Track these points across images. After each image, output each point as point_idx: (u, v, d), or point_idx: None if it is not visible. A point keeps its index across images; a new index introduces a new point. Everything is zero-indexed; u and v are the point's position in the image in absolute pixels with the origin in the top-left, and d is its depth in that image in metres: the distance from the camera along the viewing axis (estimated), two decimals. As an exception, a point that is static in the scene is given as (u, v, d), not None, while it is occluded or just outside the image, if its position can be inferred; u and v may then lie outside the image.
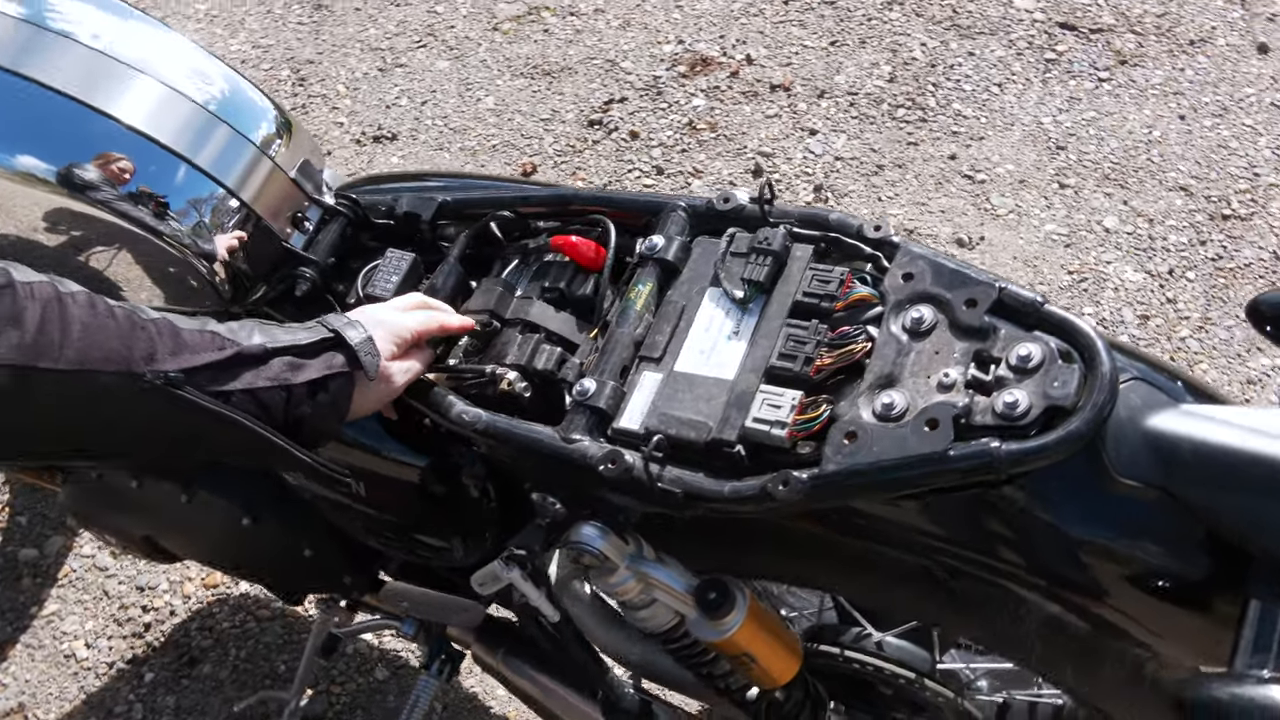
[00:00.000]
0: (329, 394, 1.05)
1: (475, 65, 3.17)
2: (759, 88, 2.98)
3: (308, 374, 1.04)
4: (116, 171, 1.19)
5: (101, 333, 0.93)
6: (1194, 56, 2.93)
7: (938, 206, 2.67)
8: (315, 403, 1.04)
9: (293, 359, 1.04)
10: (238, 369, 1.00)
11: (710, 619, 1.12)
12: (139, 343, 0.95)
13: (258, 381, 1.01)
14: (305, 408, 1.04)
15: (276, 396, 1.02)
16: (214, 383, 0.98)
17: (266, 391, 1.01)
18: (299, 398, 1.03)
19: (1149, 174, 2.68)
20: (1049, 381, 0.96)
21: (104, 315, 0.94)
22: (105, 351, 0.92)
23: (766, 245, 1.11)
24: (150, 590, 2.17)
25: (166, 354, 0.96)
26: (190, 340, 0.99)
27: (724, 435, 1.04)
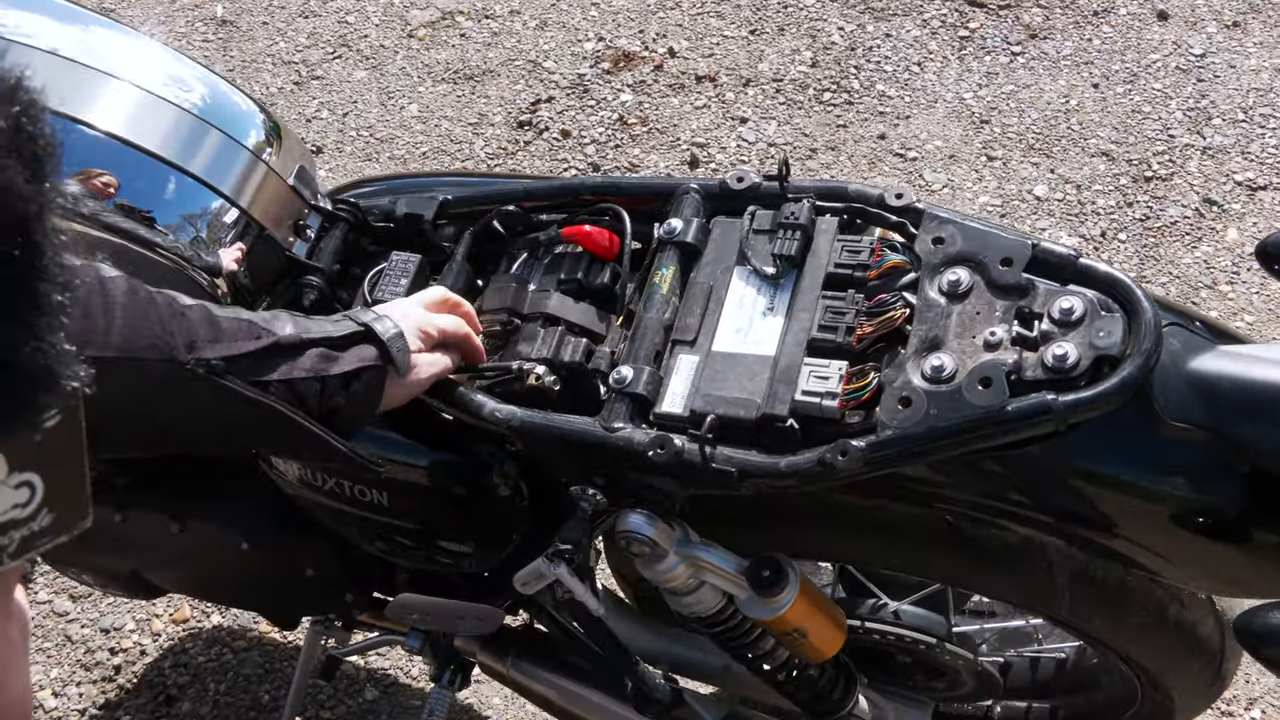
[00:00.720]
0: (361, 386, 1.04)
1: (394, 73, 3.11)
2: (685, 80, 2.99)
3: (341, 366, 1.03)
4: (100, 187, 1.13)
5: (145, 319, 0.91)
6: (1099, 26, 3.02)
7: (873, 186, 2.71)
8: (349, 394, 1.03)
9: (326, 350, 1.03)
10: (275, 359, 0.99)
11: (764, 597, 1.12)
12: (180, 330, 0.93)
13: (294, 372, 1.00)
14: (339, 399, 1.03)
15: (311, 387, 1.01)
16: (253, 372, 0.97)
17: (303, 382, 1.00)
18: (333, 389, 1.02)
19: (1071, 142, 2.76)
20: (1094, 332, 0.98)
21: (145, 301, 0.92)
22: (149, 338, 0.91)
23: (794, 220, 1.11)
24: (116, 631, 2.08)
25: (206, 342, 0.95)
26: (228, 328, 0.97)
27: (774, 410, 1.03)
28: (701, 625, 1.21)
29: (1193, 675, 1.34)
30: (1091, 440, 1.01)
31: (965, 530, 1.21)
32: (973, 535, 1.21)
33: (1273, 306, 2.41)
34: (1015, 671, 1.66)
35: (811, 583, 1.16)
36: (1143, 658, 1.32)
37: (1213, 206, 2.60)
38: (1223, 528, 1.03)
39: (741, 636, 1.22)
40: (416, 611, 1.48)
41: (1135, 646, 1.30)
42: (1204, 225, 2.57)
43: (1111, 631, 1.29)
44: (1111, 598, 1.25)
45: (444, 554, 1.32)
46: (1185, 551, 1.08)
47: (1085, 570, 1.23)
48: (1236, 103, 2.79)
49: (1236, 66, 2.87)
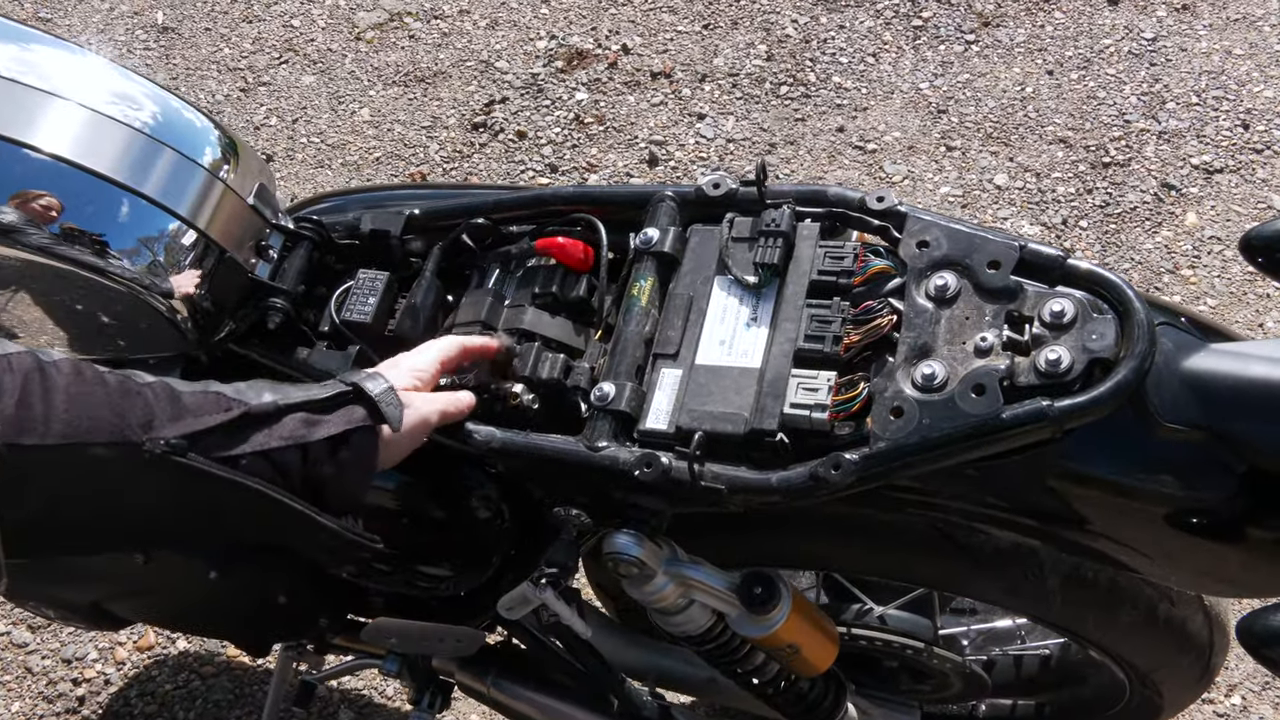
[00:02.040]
0: (351, 451, 0.96)
1: (343, 77, 3.05)
2: (640, 76, 2.96)
3: (325, 430, 0.94)
4: (40, 210, 1.08)
5: (89, 401, 0.84)
6: (1050, 13, 3.03)
7: (834, 179, 2.70)
8: (337, 461, 0.95)
9: (308, 415, 0.94)
10: (247, 430, 0.91)
11: (756, 615, 1.10)
12: (134, 410, 0.85)
13: (270, 442, 0.91)
14: (327, 467, 0.94)
15: (292, 457, 0.92)
16: (221, 447, 0.89)
17: (280, 452, 0.91)
18: (318, 456, 0.94)
19: (1028, 129, 2.76)
20: (1086, 335, 0.96)
21: (92, 382, 0.85)
22: (95, 421, 0.83)
23: (775, 226, 1.09)
24: (79, 661, 2.02)
25: (166, 420, 0.87)
26: (191, 403, 0.89)
27: (763, 425, 1.01)
28: (691, 644, 1.18)
29: (1181, 671, 1.34)
30: (1085, 443, 0.99)
31: (956, 536, 1.19)
32: (963, 541, 1.20)
33: (1234, 290, 2.43)
34: (999, 669, 1.66)
35: (804, 597, 1.14)
36: (1132, 656, 1.31)
37: (1171, 191, 2.61)
38: (1218, 528, 1.02)
39: (732, 653, 1.19)
40: (394, 635, 1.44)
41: (1125, 645, 1.30)
42: (1163, 210, 2.58)
43: (1102, 631, 1.28)
44: (1103, 598, 1.24)
45: (422, 578, 1.28)
46: (1181, 553, 1.06)
47: (1077, 572, 1.22)
48: (1189, 86, 2.80)
49: (1188, 50, 2.88)
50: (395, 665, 1.53)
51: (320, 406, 0.95)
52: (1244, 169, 2.63)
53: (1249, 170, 2.63)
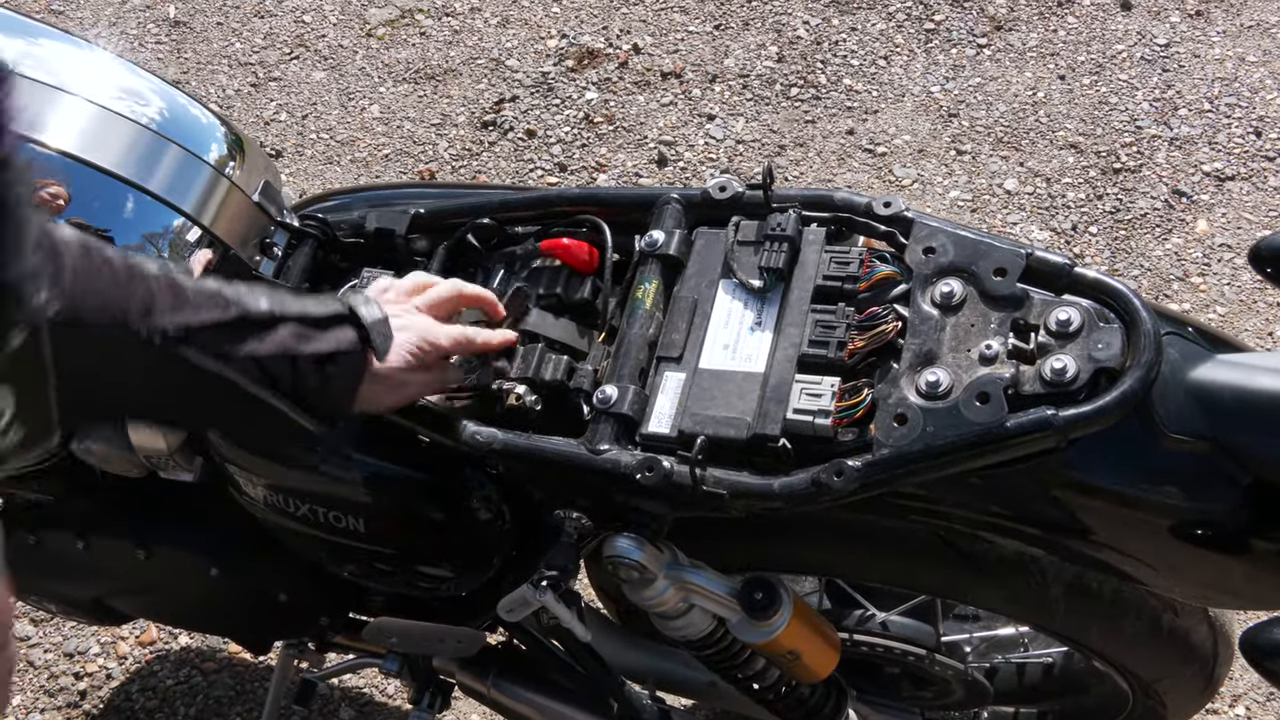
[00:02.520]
0: (338, 370, 0.98)
1: (354, 74, 3.05)
2: (650, 76, 2.96)
3: (316, 346, 0.96)
4: (48, 199, 1.08)
5: (95, 281, 0.85)
6: (1064, 18, 3.01)
7: (843, 182, 2.69)
8: (323, 376, 0.97)
9: (301, 328, 0.96)
10: (242, 333, 0.93)
11: (757, 620, 1.09)
12: (136, 295, 0.87)
13: (262, 348, 0.93)
14: (312, 380, 0.96)
15: (282, 365, 0.94)
16: (215, 344, 0.91)
17: (271, 360, 0.94)
18: (305, 370, 0.95)
19: (1039, 134, 2.75)
20: (1092, 344, 0.95)
21: (99, 263, 0.86)
22: (100, 301, 0.84)
23: (780, 231, 1.08)
24: (80, 655, 2.02)
25: (166, 309, 0.88)
26: (193, 297, 0.91)
27: (766, 430, 1.00)
28: (691, 648, 1.18)
29: (1185, 681, 1.33)
30: (1089, 452, 0.99)
31: (958, 543, 1.19)
32: (966, 549, 1.19)
33: (1244, 298, 2.41)
34: (1001, 676, 1.65)
35: (805, 603, 1.14)
36: (1136, 666, 1.30)
37: (1182, 198, 2.60)
38: (1223, 540, 1.02)
39: (732, 658, 1.19)
40: (395, 635, 1.44)
41: (1129, 655, 1.29)
42: (1174, 217, 2.56)
43: (1105, 641, 1.27)
44: (1106, 608, 1.23)
45: (423, 578, 1.28)
46: (1185, 564, 1.06)
47: (1080, 581, 1.21)
48: (1202, 92, 2.78)
49: (1201, 56, 2.87)
50: (396, 664, 1.53)
51: (314, 323, 0.97)
52: (1256, 177, 2.61)
53: (1260, 178, 2.61)
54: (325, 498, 1.19)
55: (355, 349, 0.98)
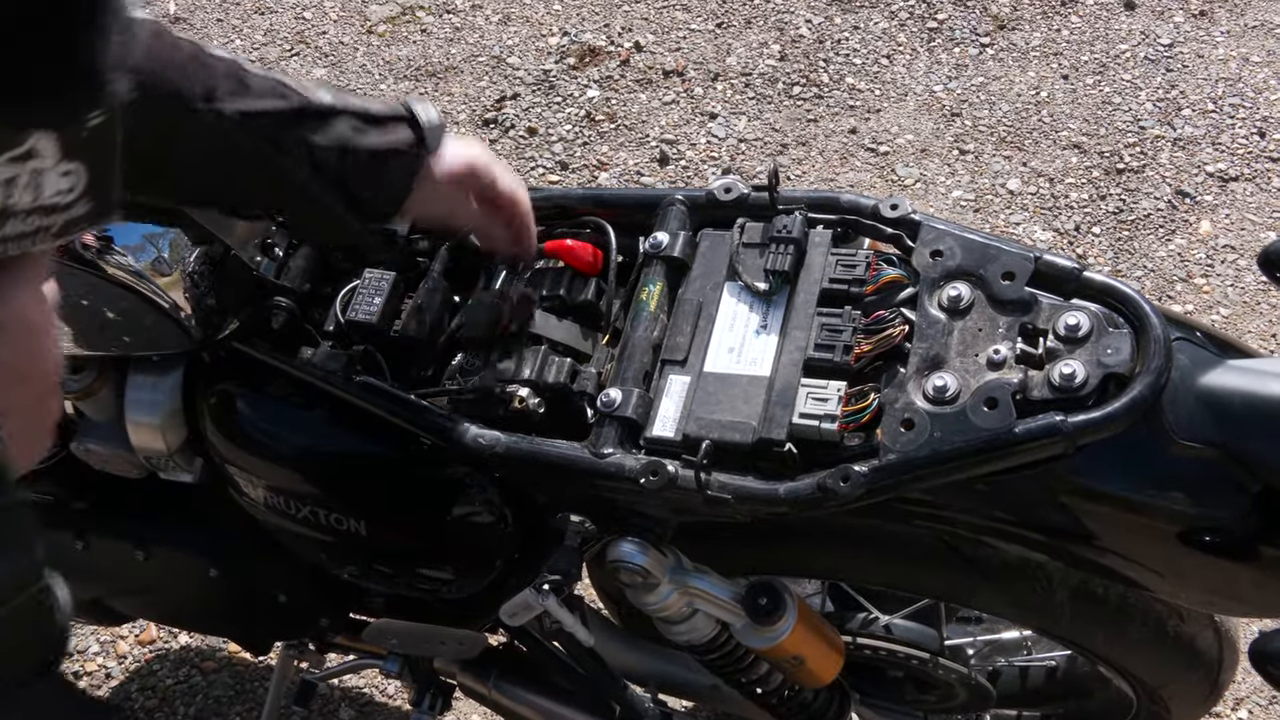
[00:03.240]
0: (391, 167, 0.99)
1: (355, 71, 3.04)
2: (652, 75, 2.95)
3: (372, 140, 0.97)
4: None
5: (164, 64, 0.87)
6: (1067, 17, 3.01)
7: (845, 181, 2.68)
8: (377, 172, 0.98)
9: (359, 122, 0.97)
10: (299, 121, 0.94)
11: (761, 625, 1.08)
12: (200, 80, 0.89)
13: (315, 137, 0.95)
14: (366, 174, 0.98)
15: (332, 156, 0.96)
16: (272, 131, 0.93)
17: (326, 150, 0.95)
18: (358, 163, 0.97)
19: (1042, 134, 2.74)
20: (1101, 349, 0.95)
21: (169, 47, 0.89)
22: (164, 78, 0.87)
23: (786, 233, 1.07)
24: (80, 654, 2.01)
25: (227, 94, 0.90)
26: (254, 85, 0.93)
27: (771, 435, 0.99)
28: (694, 653, 1.17)
29: (1190, 687, 1.32)
30: (1097, 458, 0.98)
31: (963, 548, 1.18)
32: (971, 553, 1.18)
33: (1248, 299, 2.41)
34: (1004, 680, 1.64)
35: (809, 608, 1.13)
36: (1141, 671, 1.30)
37: (1185, 198, 2.59)
38: (1231, 546, 1.01)
39: (736, 663, 1.18)
40: (396, 636, 1.43)
41: (1134, 660, 1.28)
42: (1177, 217, 2.56)
43: (1110, 646, 1.26)
44: (1112, 613, 1.22)
45: (424, 580, 1.27)
46: (1192, 571, 1.05)
47: (1085, 586, 1.20)
48: (1206, 93, 2.78)
49: (1205, 56, 2.86)
50: (396, 665, 1.52)
51: (372, 119, 0.98)
52: (1259, 177, 2.61)
53: (1264, 179, 2.60)
54: (326, 500, 1.19)
55: (410, 148, 0.99)
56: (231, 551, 1.37)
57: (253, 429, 1.21)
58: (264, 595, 1.41)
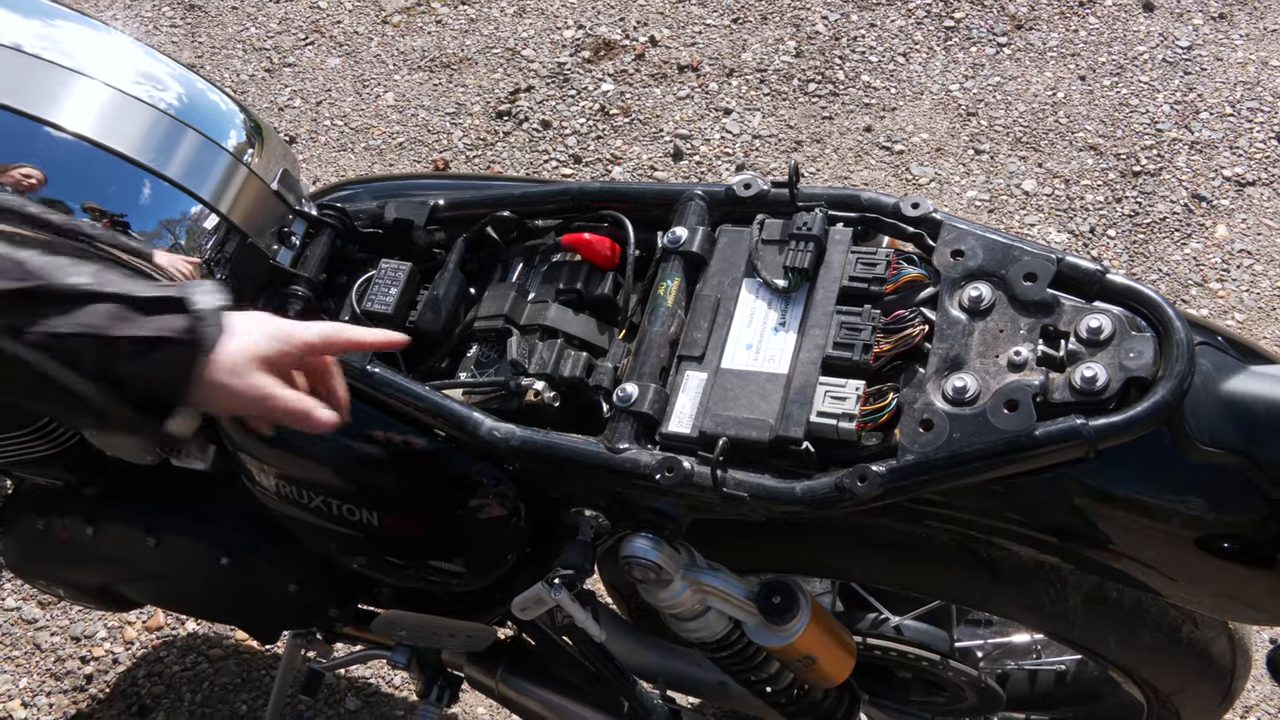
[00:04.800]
0: (163, 358, 0.87)
1: (369, 61, 3.03)
2: (667, 69, 2.94)
3: (133, 330, 0.86)
4: (18, 179, 1.05)
5: None
6: (1085, 18, 2.99)
7: (860, 179, 2.67)
8: (149, 361, 0.87)
9: (119, 309, 0.86)
10: (41, 308, 0.84)
11: (775, 624, 1.08)
12: None
13: (63, 326, 0.84)
14: (132, 366, 0.86)
15: (87, 346, 0.85)
16: (6, 316, 0.82)
17: (77, 339, 0.84)
18: (122, 353, 0.86)
19: (1058, 135, 2.73)
20: (1124, 353, 0.94)
21: None
22: None
23: (806, 230, 1.06)
24: (87, 639, 2.01)
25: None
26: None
27: (789, 433, 0.99)
28: (705, 650, 1.16)
29: (1202, 694, 1.31)
30: (1115, 462, 0.97)
31: (977, 551, 1.17)
32: (985, 556, 1.18)
33: (1263, 305, 2.39)
34: (1013, 683, 1.63)
35: (822, 608, 1.12)
36: (1154, 677, 1.29)
37: (1201, 202, 2.57)
38: (1248, 553, 1.00)
39: (747, 661, 1.17)
40: (405, 628, 1.43)
41: (1146, 666, 1.27)
42: (1193, 221, 2.54)
43: (1123, 651, 1.25)
44: (1125, 619, 1.21)
45: (435, 573, 1.26)
46: (1207, 577, 1.04)
47: (1099, 591, 1.19)
48: (1224, 96, 2.76)
49: (1223, 59, 2.84)
50: (404, 657, 1.52)
51: (138, 304, 0.87)
52: (1277, 182, 2.59)
53: (1282, 184, 2.59)
54: (339, 491, 1.18)
55: (182, 337, 0.88)
56: (242, 540, 1.36)
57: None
58: (274, 584, 1.40)
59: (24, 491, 1.48)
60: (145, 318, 0.87)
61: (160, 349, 0.87)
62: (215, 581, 1.41)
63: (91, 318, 0.85)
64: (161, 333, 0.87)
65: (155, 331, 0.87)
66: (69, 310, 0.85)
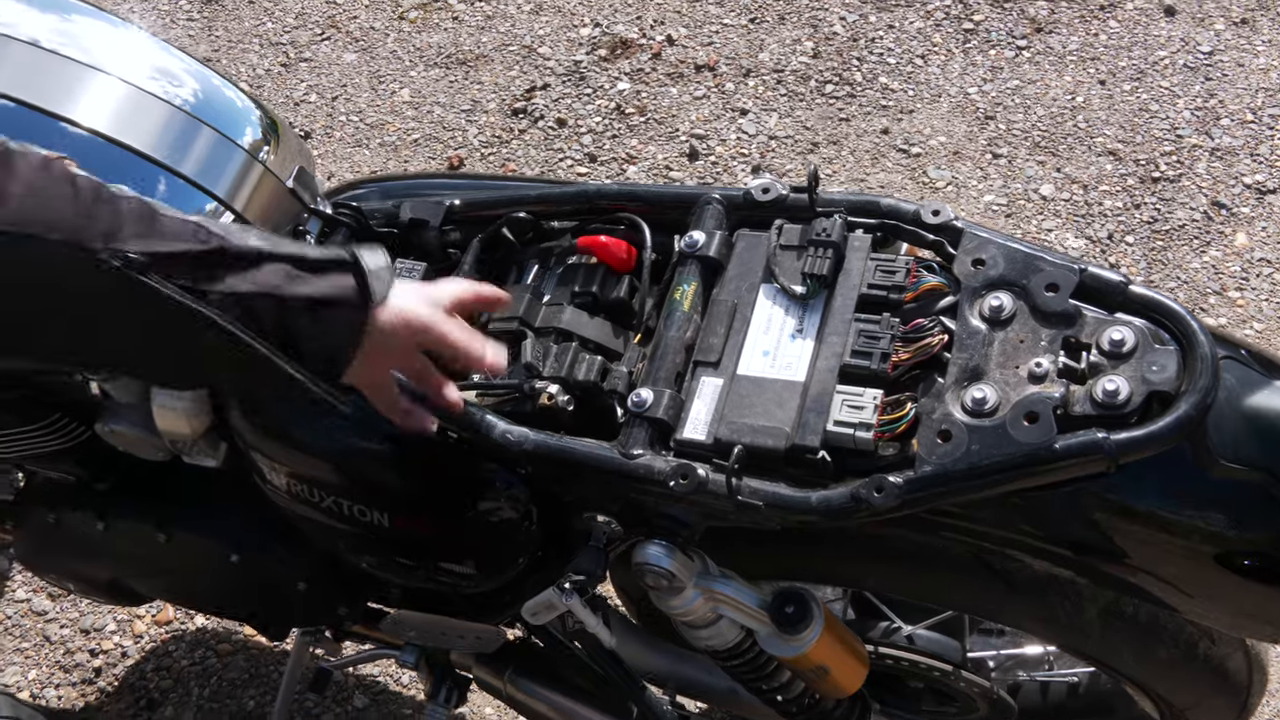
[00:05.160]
0: (333, 316, 0.90)
1: (385, 57, 3.03)
2: (684, 69, 2.92)
3: (307, 288, 0.88)
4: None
5: (50, 196, 0.79)
6: (1105, 21, 2.97)
7: (876, 182, 2.66)
8: (316, 318, 0.89)
9: (292, 269, 0.88)
10: (220, 268, 0.84)
11: (787, 634, 1.07)
12: (100, 217, 0.80)
13: (242, 285, 0.85)
14: (304, 321, 0.88)
15: (265, 305, 0.86)
16: (188, 277, 0.83)
17: (251, 298, 0.85)
18: (295, 310, 0.87)
19: (1077, 140, 2.71)
20: (1146, 366, 0.93)
21: (60, 180, 0.80)
22: (53, 217, 0.78)
23: (825, 236, 1.05)
24: (97, 632, 2.01)
25: (132, 235, 0.81)
26: (167, 226, 0.83)
27: (805, 441, 0.98)
28: (717, 658, 1.15)
29: (1218, 710, 1.30)
30: (1134, 476, 0.96)
31: (992, 562, 1.16)
32: (999, 567, 1.16)
33: (1282, 314, 2.37)
34: (1025, 694, 1.62)
35: (835, 617, 1.11)
36: (1169, 692, 1.27)
37: (1221, 210, 2.55)
38: (1269, 571, 0.99)
39: (758, 670, 1.16)
40: (414, 628, 1.42)
41: (1162, 681, 1.26)
42: (1212, 229, 2.52)
43: (1138, 665, 1.24)
44: (1142, 633, 1.20)
45: (445, 574, 1.26)
46: (1225, 594, 1.03)
47: (1116, 605, 1.18)
48: (1245, 103, 2.74)
49: (1245, 65, 2.82)
50: (413, 657, 1.51)
51: (309, 265, 0.89)
52: (1297, 190, 2.57)
53: (1302, 192, 2.57)
54: (350, 490, 1.18)
55: (352, 295, 0.90)
56: (252, 538, 1.36)
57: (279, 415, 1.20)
58: (283, 582, 1.40)
59: (36, 485, 1.47)
60: (317, 277, 0.89)
61: (331, 307, 0.89)
62: (225, 578, 1.40)
63: (267, 276, 0.86)
64: (334, 291, 0.89)
65: (328, 290, 0.89)
66: (246, 270, 0.86)
